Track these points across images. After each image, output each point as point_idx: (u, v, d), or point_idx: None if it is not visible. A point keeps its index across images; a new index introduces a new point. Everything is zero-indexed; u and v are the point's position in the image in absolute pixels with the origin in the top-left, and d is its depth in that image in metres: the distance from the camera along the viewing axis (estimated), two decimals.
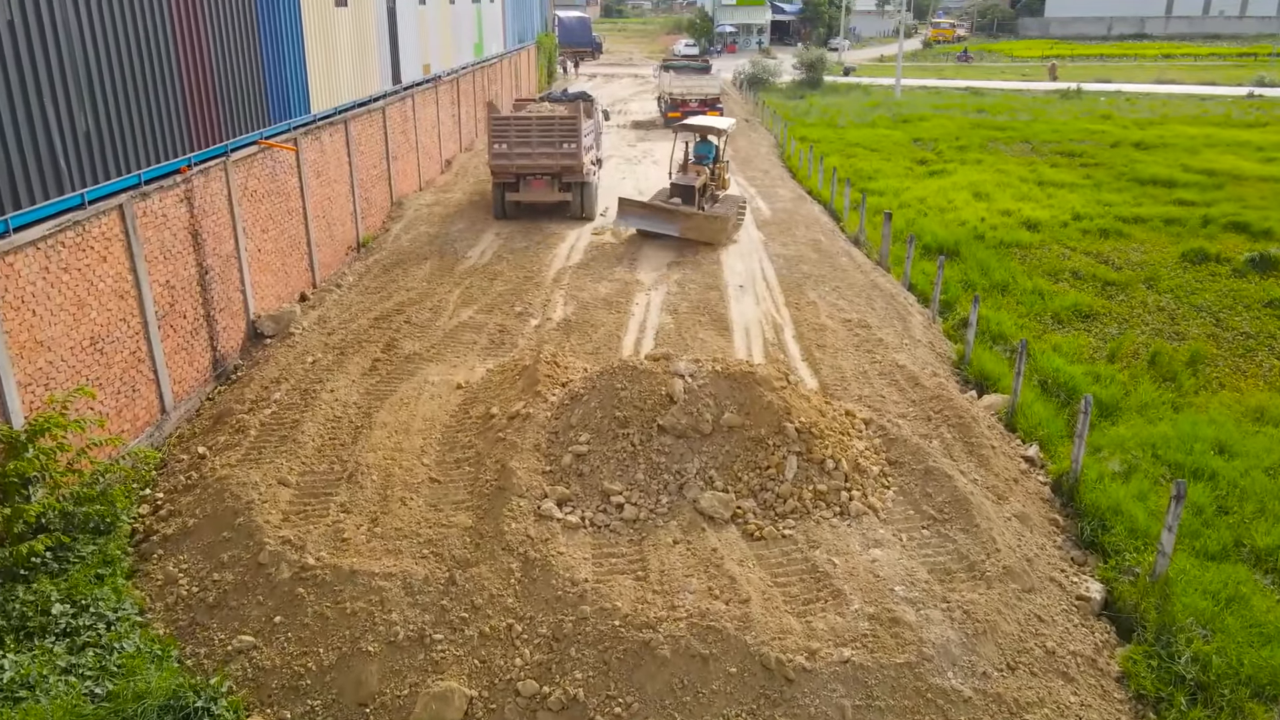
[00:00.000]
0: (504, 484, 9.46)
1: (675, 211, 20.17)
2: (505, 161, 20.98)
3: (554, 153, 20.76)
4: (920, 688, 7.39)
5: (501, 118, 20.98)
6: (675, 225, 19.98)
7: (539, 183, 21.34)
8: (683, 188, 20.77)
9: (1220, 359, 15.00)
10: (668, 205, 20.26)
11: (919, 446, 10.32)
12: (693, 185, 20.63)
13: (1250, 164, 29.43)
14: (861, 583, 8.36)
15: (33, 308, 9.88)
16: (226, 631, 8.45)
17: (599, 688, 7.53)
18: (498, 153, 20.95)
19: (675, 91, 39.91)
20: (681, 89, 39.94)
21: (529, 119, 20.88)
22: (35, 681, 7.85)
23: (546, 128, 20.73)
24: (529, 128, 20.75)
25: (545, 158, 20.82)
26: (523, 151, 20.81)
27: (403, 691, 7.74)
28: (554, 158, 20.82)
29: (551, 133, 20.72)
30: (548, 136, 20.72)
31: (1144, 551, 9.31)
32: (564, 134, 20.70)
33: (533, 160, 20.87)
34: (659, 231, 20.15)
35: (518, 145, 20.75)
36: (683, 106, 38.77)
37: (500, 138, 20.87)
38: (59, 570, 9.20)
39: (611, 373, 10.42)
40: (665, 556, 8.68)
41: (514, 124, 20.80)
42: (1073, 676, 7.82)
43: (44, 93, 10.13)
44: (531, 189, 21.43)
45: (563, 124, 20.73)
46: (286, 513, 9.62)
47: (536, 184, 21.35)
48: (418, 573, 8.58)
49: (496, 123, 20.89)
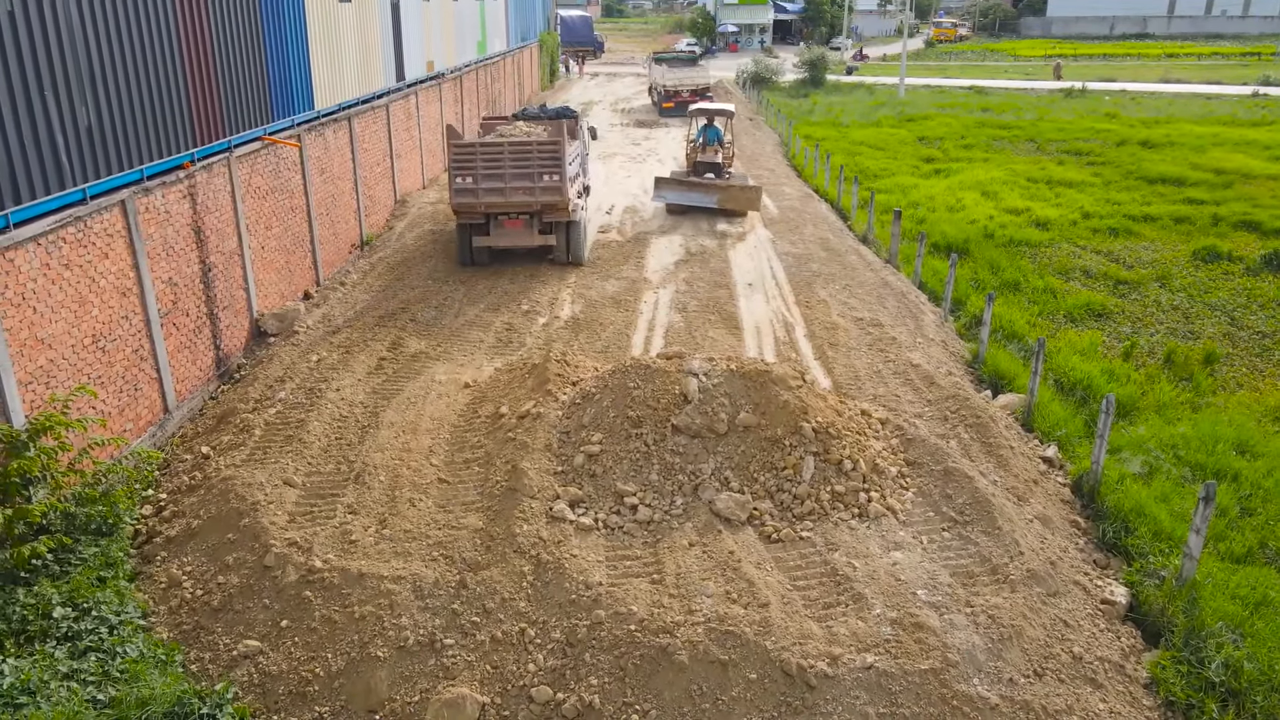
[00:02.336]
0: (515, 485, 9.25)
1: (711, 185, 21.45)
2: (471, 199, 16.79)
3: (532, 186, 16.70)
4: (946, 695, 7.19)
5: (465, 145, 16.95)
6: (713, 197, 21.37)
7: (514, 223, 17.28)
8: (709, 164, 22.37)
9: (1236, 358, 14.80)
10: (703, 180, 21.64)
11: (937, 447, 10.12)
12: (718, 162, 22.44)
13: (1258, 162, 29.22)
14: (883, 586, 8.16)
15: (33, 305, 9.68)
16: (231, 636, 8.24)
17: (615, 694, 7.33)
18: (461, 188, 16.74)
19: (668, 83, 42.34)
20: (674, 80, 42.38)
21: (499, 146, 16.87)
22: (36, 687, 7.65)
23: (522, 156, 16.76)
24: (500, 156, 16.73)
25: (522, 193, 16.70)
26: (493, 186, 16.72)
27: (413, 698, 7.53)
28: (532, 193, 16.71)
29: (528, 161, 16.75)
30: (524, 166, 16.76)
31: (1169, 554, 9.11)
32: (544, 162, 16.70)
33: (506, 197, 16.74)
34: (696, 205, 21.44)
35: (487, 178, 16.71)
36: (675, 97, 41.57)
37: (464, 169, 16.72)
38: (60, 572, 9.00)
39: (624, 371, 10.22)
40: (681, 559, 8.48)
41: (481, 152, 16.80)
42: (1101, 683, 7.62)
43: (45, 86, 9.93)
44: (505, 231, 17.36)
45: (542, 151, 16.78)
46: (293, 514, 9.42)
47: (511, 225, 17.30)
48: (428, 576, 8.38)
49: (459, 151, 16.81)
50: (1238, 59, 72.82)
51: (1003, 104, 45.04)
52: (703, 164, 22.61)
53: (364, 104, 20.75)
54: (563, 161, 16.70)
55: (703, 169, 22.61)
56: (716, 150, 23.42)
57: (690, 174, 22.89)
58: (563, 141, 16.86)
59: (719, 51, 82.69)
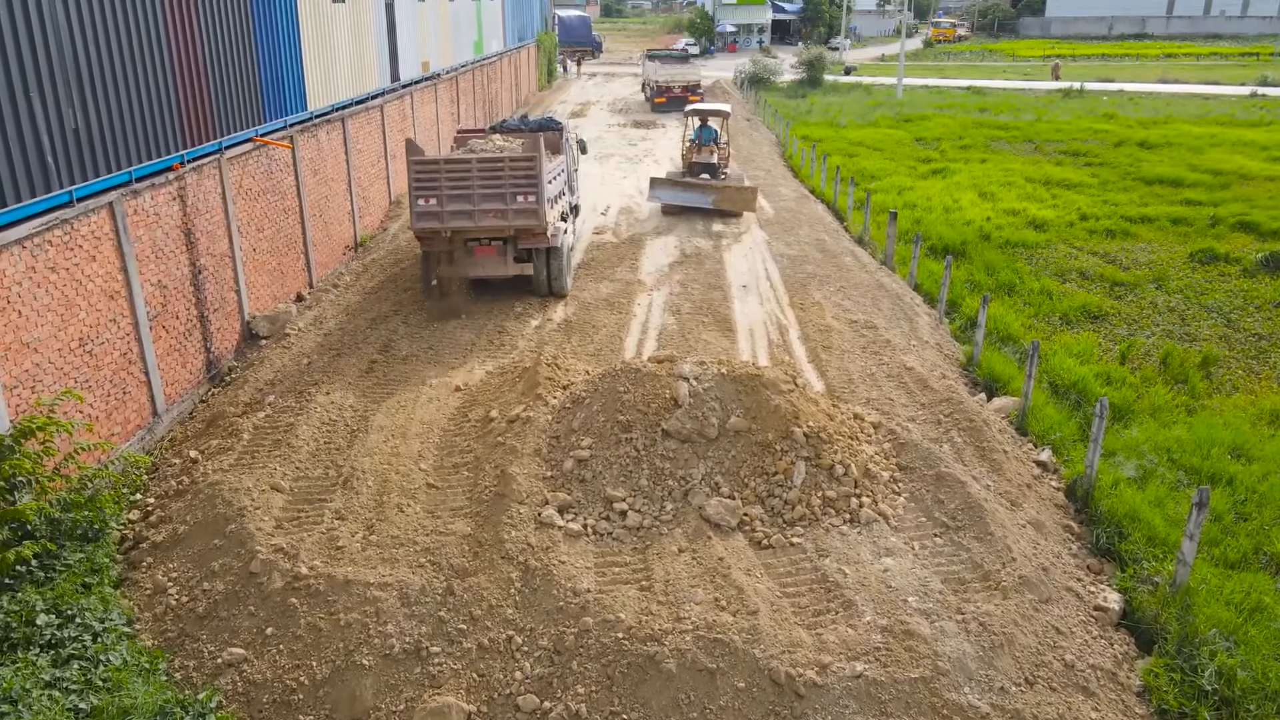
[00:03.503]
0: (503, 490, 9.18)
1: (707, 186, 21.31)
2: (434, 223, 14.74)
3: (504, 209, 14.72)
4: (936, 704, 7.12)
5: (426, 161, 14.77)
6: (708, 198, 21.23)
7: (485, 250, 15.31)
8: (705, 165, 22.25)
9: (1232, 361, 14.73)
10: (699, 181, 21.49)
11: (930, 451, 10.04)
12: (714, 162, 22.37)
13: (1256, 163, 29.17)
14: (873, 593, 8.09)
15: (18, 308, 9.60)
16: (216, 643, 8.16)
17: (602, 703, 7.26)
18: (423, 211, 14.72)
19: (660, 79, 43.66)
20: (665, 76, 43.72)
21: (466, 162, 14.77)
22: (18, 696, 7.56)
23: (492, 173, 14.68)
24: (467, 174, 14.67)
25: (492, 215, 14.74)
26: (459, 209, 14.70)
27: (398, 707, 7.45)
28: (504, 215, 14.75)
29: (499, 179, 14.67)
30: (494, 184, 14.69)
31: (1163, 560, 9.03)
32: (518, 181, 14.69)
33: (474, 220, 14.74)
34: (692, 205, 21.23)
35: (453, 199, 14.66)
36: (667, 92, 43.14)
37: (425, 188, 14.67)
38: (45, 579, 8.91)
39: (614, 375, 10.14)
40: (670, 565, 8.40)
41: (446, 169, 14.68)
42: (1093, 691, 7.54)
43: (31, 86, 9.84)
44: (474, 260, 15.36)
45: (516, 167, 14.72)
46: (279, 520, 9.34)
47: (482, 252, 15.33)
48: (414, 582, 8.30)
49: (420, 169, 14.68)
50: (1236, 59, 72.78)
51: (1001, 104, 44.98)
52: (698, 164, 22.63)
53: (358, 105, 20.67)
54: (539, 179, 14.74)
55: (698, 169, 22.62)
56: (712, 150, 23.42)
57: (686, 174, 22.84)
58: (538, 157, 14.77)
59: (717, 51, 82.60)
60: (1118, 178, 27.95)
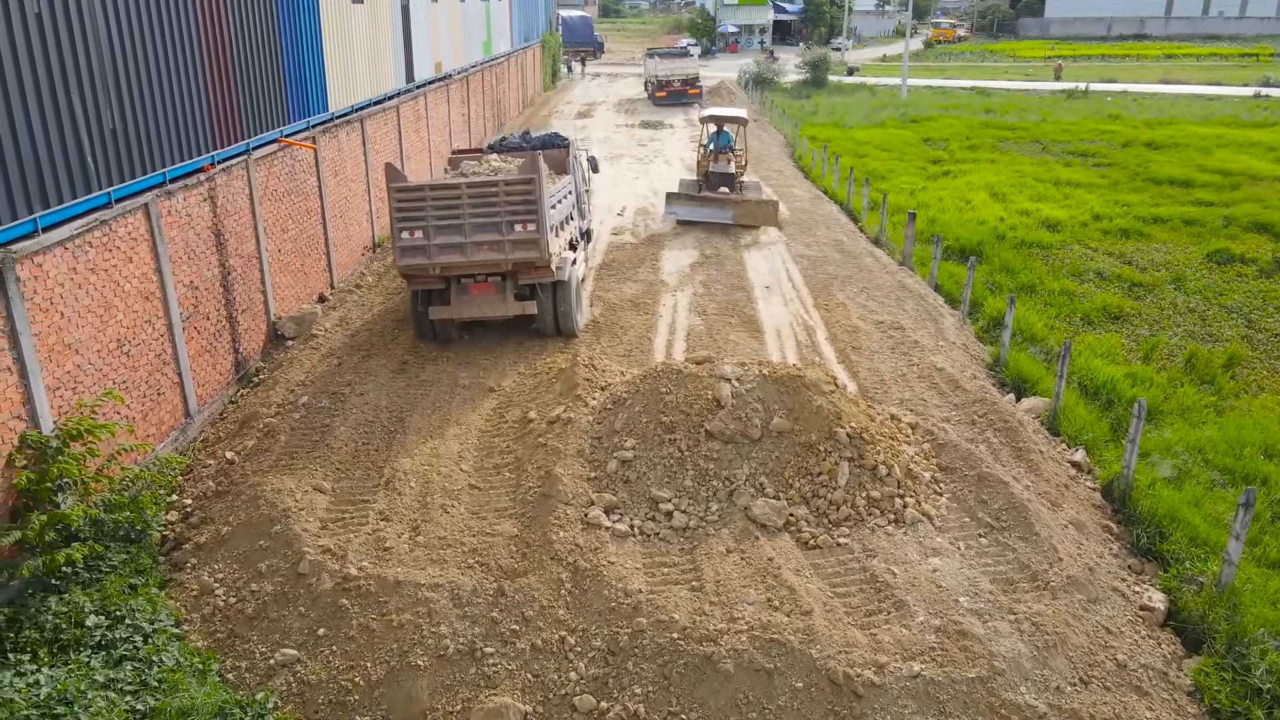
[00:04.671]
0: (548, 491, 9.19)
1: (726, 200, 20.34)
2: (421, 259, 12.89)
3: (500, 240, 12.81)
4: (994, 703, 7.15)
5: (409, 188, 12.88)
6: (728, 212, 20.20)
7: (482, 288, 13.43)
8: (723, 175, 21.01)
9: (1256, 361, 14.79)
10: (716, 195, 20.56)
11: (970, 452, 10.08)
12: (732, 172, 21.18)
13: (1264, 164, 29.27)
14: (924, 593, 8.12)
15: (61, 310, 9.59)
16: (268, 644, 8.17)
17: (660, 704, 7.28)
18: (408, 245, 12.85)
19: (660, 74, 46.14)
20: (665, 71, 46.32)
21: (454, 187, 12.86)
22: (74, 697, 7.56)
23: (486, 200, 12.81)
24: (456, 202, 12.78)
25: (487, 249, 12.85)
26: (449, 241, 12.81)
27: (455, 707, 7.47)
28: (501, 247, 12.84)
29: (494, 207, 12.79)
30: (489, 213, 12.80)
31: (1206, 560, 9.08)
32: (515, 208, 12.80)
33: (467, 255, 12.86)
34: (710, 221, 20.26)
35: (441, 230, 12.79)
36: (667, 86, 45.61)
37: (409, 219, 12.82)
38: (90, 580, 8.92)
39: (655, 376, 10.16)
40: (719, 566, 8.43)
41: (432, 197, 12.78)
42: (1146, 691, 7.58)
43: (71, 88, 9.84)
44: (470, 300, 13.45)
45: (512, 192, 12.81)
46: (324, 520, 9.35)
47: (478, 290, 13.44)
48: (465, 583, 8.31)
49: (402, 197, 12.82)
50: (1236, 60, 72.98)
51: (1005, 105, 45.06)
52: (716, 174, 21.37)
53: (375, 105, 20.67)
54: (539, 205, 12.81)
55: (716, 179, 21.37)
56: (729, 158, 22.17)
57: (702, 183, 21.84)
58: (538, 178, 12.76)
59: (719, 52, 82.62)
60: (1127, 178, 28.03)
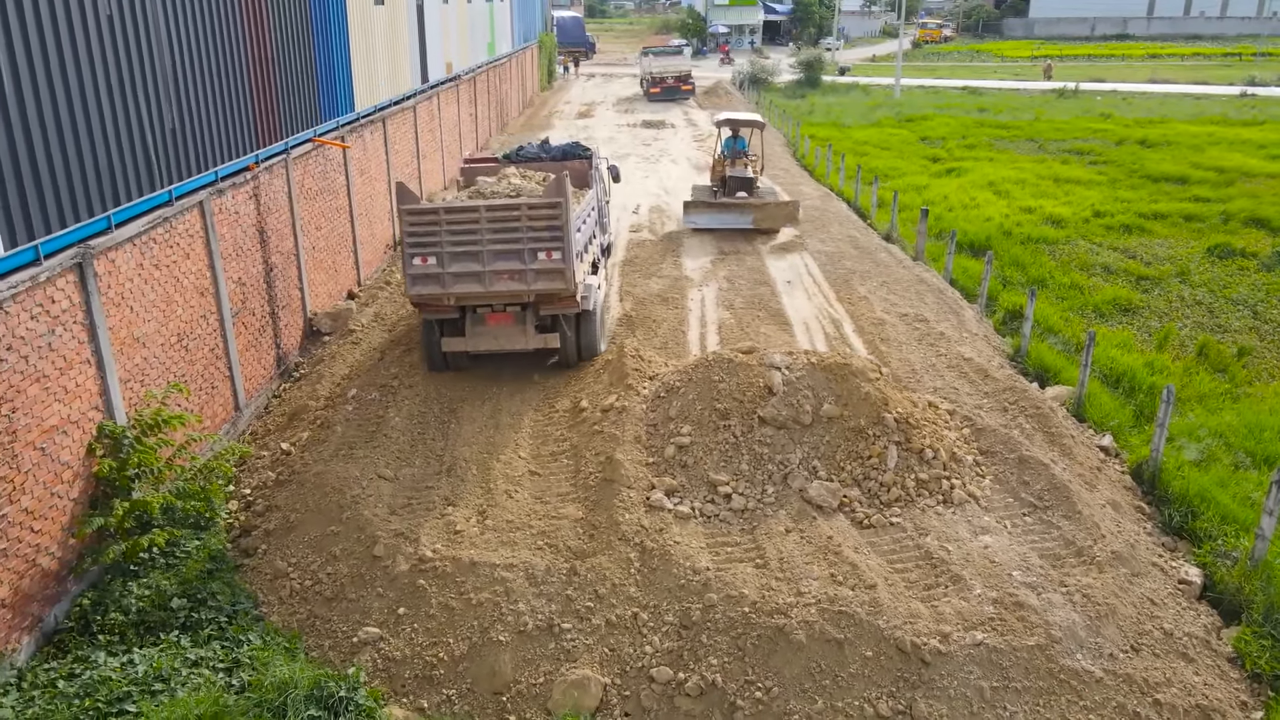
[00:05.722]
0: (611, 476, 9.54)
1: (745, 204, 20.48)
2: (435, 288, 11.78)
3: (523, 269, 11.68)
4: (1053, 669, 7.55)
5: (422, 211, 11.70)
6: (747, 217, 20.41)
7: (500, 318, 12.34)
8: (741, 180, 21.08)
9: (1265, 351, 15.30)
10: (735, 200, 20.67)
11: (1009, 436, 10.50)
12: (750, 176, 21.21)
13: (1256, 161, 29.94)
14: (979, 568, 8.52)
15: (130, 304, 9.87)
16: (349, 624, 8.48)
17: (736, 673, 7.64)
18: (419, 273, 11.72)
19: (654, 71, 50.15)
20: (659, 68, 50.39)
21: (472, 210, 11.61)
22: (168, 674, 7.87)
23: (507, 224, 11.59)
24: (474, 227, 11.59)
25: (508, 278, 11.73)
26: (466, 269, 11.68)
27: (537, 680, 7.82)
28: (523, 277, 11.72)
29: (516, 232, 11.59)
30: (510, 239, 11.61)
31: (1238, 537, 9.52)
32: (539, 234, 11.62)
33: (485, 285, 11.74)
34: (731, 228, 20.38)
35: (457, 258, 11.64)
36: (661, 83, 49.24)
37: (423, 244, 11.65)
38: (167, 565, 9.21)
39: (707, 365, 10.53)
40: (780, 545, 8.80)
41: (447, 221, 11.57)
42: (1191, 657, 8.01)
43: (138, 90, 10.12)
44: (487, 330, 12.36)
45: (536, 217, 11.58)
46: (392, 506, 9.66)
47: (496, 320, 12.35)
48: (538, 564, 8.65)
49: (415, 221, 11.64)
50: (1219, 59, 74.09)
51: (998, 104, 45.70)
52: (734, 179, 21.09)
53: (394, 105, 20.95)
54: (565, 232, 11.59)
55: (735, 184, 21.05)
56: (746, 163, 21.87)
57: (717, 188, 21.65)
58: (564, 202, 11.53)
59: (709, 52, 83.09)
60: (1124, 175, 28.61)
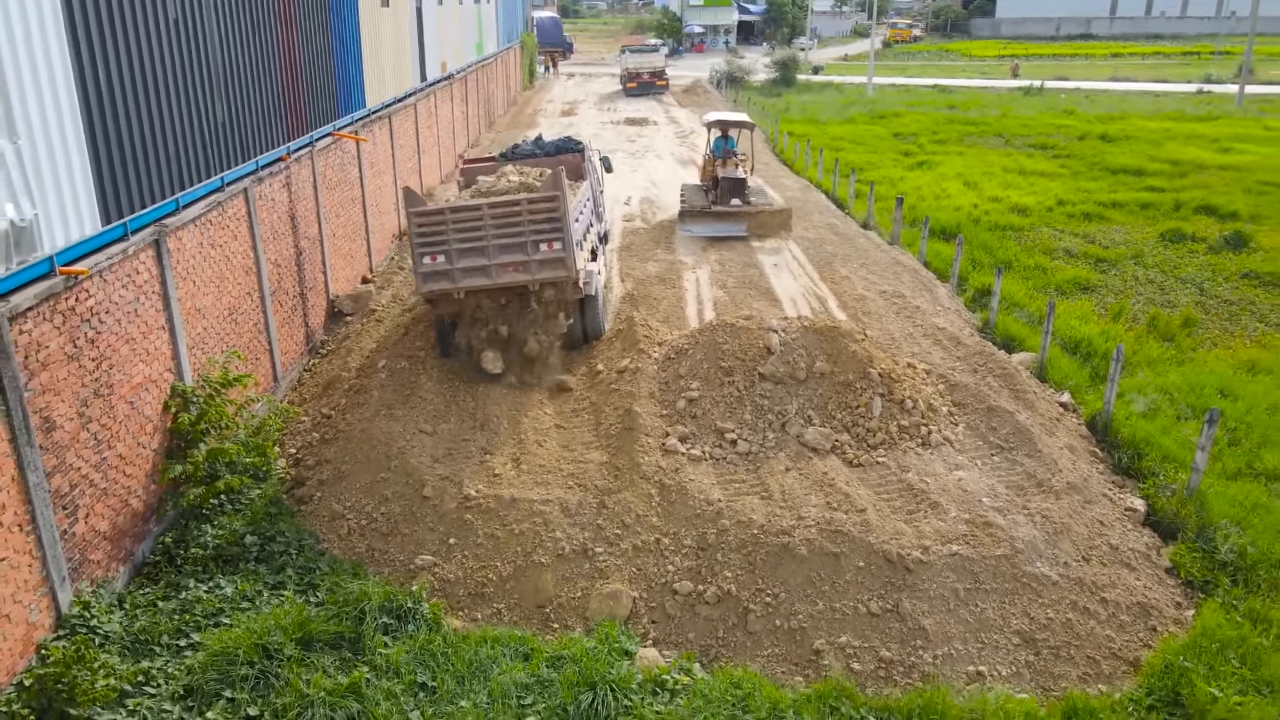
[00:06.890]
0: (631, 425, 10.77)
1: (739, 213, 20.38)
2: (445, 284, 12.32)
3: (526, 260, 12.23)
4: (1017, 574, 8.88)
5: (429, 212, 12.30)
6: (742, 225, 20.27)
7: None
8: (734, 181, 20.83)
9: (1209, 323, 16.81)
10: (730, 208, 20.49)
11: (979, 391, 11.84)
12: (742, 177, 21.05)
13: (1209, 154, 31.68)
14: (953, 496, 9.84)
15: (194, 279, 10.97)
16: (405, 554, 9.65)
17: (748, 583, 8.91)
18: (430, 270, 12.25)
19: (630, 66, 54.11)
20: (635, 64, 54.26)
21: (475, 209, 12.23)
22: (253, 595, 9.02)
23: (509, 219, 12.18)
24: (478, 223, 12.17)
25: (513, 270, 12.29)
26: (473, 264, 12.23)
27: (575, 594, 9.04)
28: (527, 268, 12.29)
29: (518, 226, 12.19)
30: (513, 232, 12.20)
31: (1176, 472, 10.92)
32: (540, 226, 12.19)
33: (492, 277, 12.27)
34: (726, 235, 20.05)
35: (464, 254, 12.19)
36: (637, 78, 53.42)
37: (431, 244, 12.21)
38: (235, 510, 10.33)
39: (712, 329, 11.79)
40: (782, 480, 10.07)
41: (453, 220, 12.21)
42: (1134, 567, 9.38)
43: (197, 84, 11.22)
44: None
45: (536, 210, 12.19)
46: (435, 455, 10.82)
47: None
48: (571, 499, 9.87)
49: (423, 222, 12.23)
50: (1179, 58, 76.50)
51: (967, 102, 47.38)
52: (727, 180, 20.92)
53: (398, 103, 22.04)
54: (565, 222, 12.16)
55: (727, 185, 20.88)
56: (737, 164, 21.70)
57: (709, 188, 21.60)
58: (562, 195, 12.11)
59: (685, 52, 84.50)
60: (1085, 168, 30.24)
